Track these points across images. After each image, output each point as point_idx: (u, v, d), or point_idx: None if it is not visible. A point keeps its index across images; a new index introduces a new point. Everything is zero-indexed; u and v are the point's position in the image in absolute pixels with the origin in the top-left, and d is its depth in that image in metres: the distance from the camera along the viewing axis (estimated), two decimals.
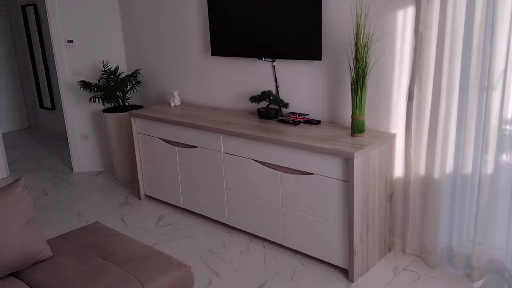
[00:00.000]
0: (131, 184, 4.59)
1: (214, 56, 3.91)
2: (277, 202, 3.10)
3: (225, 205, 3.46)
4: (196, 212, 3.73)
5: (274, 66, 3.50)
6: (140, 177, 4.12)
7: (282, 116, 3.53)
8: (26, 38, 6.57)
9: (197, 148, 3.53)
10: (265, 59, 3.52)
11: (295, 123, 3.25)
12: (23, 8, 6.39)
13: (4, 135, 6.62)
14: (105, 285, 2.07)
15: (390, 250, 3.12)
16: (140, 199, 4.20)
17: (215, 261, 3.11)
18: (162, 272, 2.20)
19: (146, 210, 3.98)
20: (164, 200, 4.01)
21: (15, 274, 2.24)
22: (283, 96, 3.50)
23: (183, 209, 3.94)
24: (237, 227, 3.44)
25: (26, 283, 2.17)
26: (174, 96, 4.12)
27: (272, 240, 3.21)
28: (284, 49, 3.30)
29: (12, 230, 2.18)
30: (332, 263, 2.92)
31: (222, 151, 3.35)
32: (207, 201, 3.60)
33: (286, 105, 3.39)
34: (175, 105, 4.13)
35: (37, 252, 2.26)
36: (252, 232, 3.34)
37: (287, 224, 3.08)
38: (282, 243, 3.16)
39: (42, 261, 2.30)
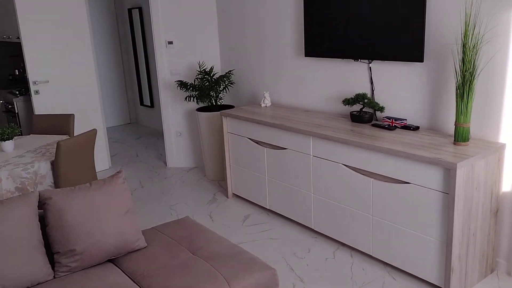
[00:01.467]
0: (220, 182, 4.70)
1: (307, 57, 3.85)
2: (367, 211, 2.96)
3: (312, 209, 3.39)
4: (282, 214, 3.71)
5: (370, 67, 3.36)
6: (228, 175, 4.20)
7: (377, 120, 3.38)
8: (131, 39, 7.03)
9: (286, 150, 3.50)
10: (361, 60, 3.39)
11: (390, 128, 3.08)
12: (129, 11, 6.85)
13: (108, 129, 7.15)
14: (193, 279, 2.11)
15: (492, 271, 2.84)
16: (227, 197, 4.27)
17: (300, 265, 3.05)
18: (247, 272, 2.20)
19: (233, 208, 4.04)
20: (251, 200, 4.04)
21: (112, 260, 2.38)
22: (378, 99, 3.35)
23: (269, 210, 3.94)
24: (324, 233, 3.35)
25: (122, 270, 2.29)
26: (265, 97, 4.13)
27: (360, 249, 3.08)
28: (382, 49, 3.15)
29: (112, 219, 2.31)
30: (426, 279, 2.71)
31: (312, 154, 3.28)
32: (294, 204, 3.55)
33: (381, 109, 3.24)
34: (266, 106, 4.14)
35: (133, 242, 2.37)
36: (339, 240, 3.23)
37: (378, 234, 2.93)
38: (371, 254, 3.02)
39: (137, 250, 2.42)
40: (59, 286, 2.09)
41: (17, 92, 5.18)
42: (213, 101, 4.63)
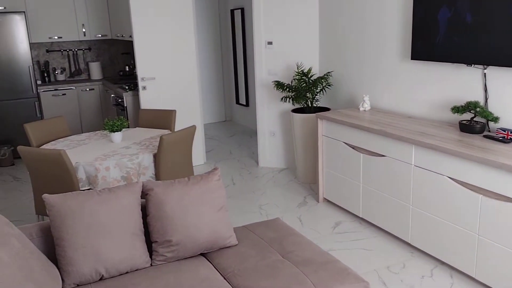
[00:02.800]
0: (311, 185, 4.63)
1: (413, 60, 3.64)
2: (473, 229, 2.71)
3: (410, 222, 3.19)
4: (376, 224, 3.54)
5: (485, 74, 3.07)
6: (320, 179, 4.12)
7: (489, 131, 3.08)
8: (231, 39, 7.23)
9: (384, 157, 3.34)
10: (475, 65, 3.12)
11: (505, 141, 2.79)
12: (232, 11, 7.04)
13: (204, 126, 7.43)
14: (281, 283, 2.08)
15: None
16: (318, 201, 4.19)
17: (393, 281, 2.89)
18: (338, 282, 2.12)
19: (323, 213, 3.96)
20: (342, 206, 3.92)
21: (204, 254, 2.43)
22: (492, 108, 3.06)
23: (362, 218, 3.79)
24: (421, 249, 3.14)
25: (213, 265, 2.33)
26: (364, 101, 3.99)
27: (462, 270, 2.83)
28: (502, 54, 2.86)
29: (207, 214, 2.37)
30: None
31: (413, 163, 3.09)
32: (390, 215, 3.38)
33: (495, 120, 2.95)
34: (364, 110, 4.00)
35: (225, 238, 2.41)
36: (437, 257, 3.01)
37: (484, 256, 2.67)
38: (474, 276, 2.76)
39: (228, 247, 2.45)
40: (156, 274, 2.18)
41: (126, 87, 5.57)
42: (309, 102, 4.57)
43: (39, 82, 6.49)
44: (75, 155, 3.30)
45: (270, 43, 4.89)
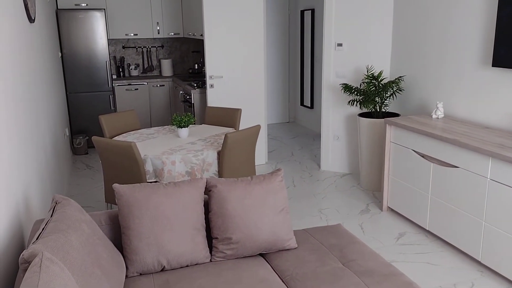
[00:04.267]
0: (374, 192, 4.48)
1: (494, 67, 3.41)
2: None
3: (481, 239, 2.99)
4: (443, 238, 3.35)
5: None
6: (385, 187, 3.97)
7: None
8: (299, 40, 7.18)
9: (457, 168, 3.15)
10: None
11: None
12: (302, 12, 7.00)
13: (268, 126, 7.45)
14: None
15: None
16: (381, 210, 4.05)
17: None
18: None
19: (386, 222, 3.81)
20: (407, 217, 3.75)
21: (263, 255, 2.42)
22: None
23: (428, 231, 3.60)
24: (492, 268, 2.93)
25: (271, 267, 2.31)
26: (437, 108, 3.79)
27: None
28: None
29: (268, 214, 2.35)
30: None
31: (489, 177, 2.89)
32: (459, 230, 3.18)
33: None
34: (437, 118, 3.80)
35: (284, 240, 2.38)
36: (510, 278, 2.79)
37: None
38: None
39: (287, 249, 2.42)
40: (215, 270, 2.19)
41: (194, 85, 5.71)
42: (378, 107, 4.43)
43: (114, 76, 6.82)
44: (144, 148, 3.42)
45: (340, 44, 4.80)
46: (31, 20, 3.30)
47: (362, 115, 4.55)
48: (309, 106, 7.11)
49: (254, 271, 2.20)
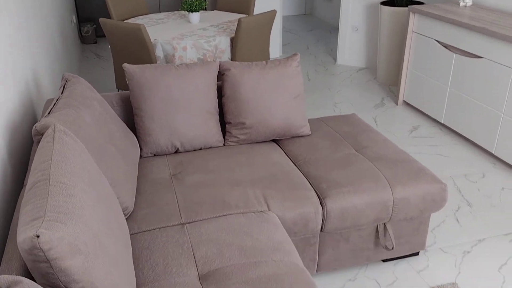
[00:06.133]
0: (390, 87, 4.37)
1: None
2: None
3: (498, 132, 2.94)
4: (458, 131, 3.31)
5: None
6: (402, 80, 3.85)
7: None
8: None
9: (481, 59, 3.00)
10: None
11: None
12: None
13: (283, 18, 7.11)
14: (354, 175, 2.03)
15: None
16: (396, 104, 3.97)
17: (470, 189, 2.75)
18: (414, 180, 2.03)
19: (401, 116, 3.76)
20: (423, 111, 3.68)
21: (276, 141, 2.41)
22: None
23: (443, 124, 3.56)
24: (505, 160, 2.92)
25: (284, 152, 2.31)
26: None
27: None
28: None
29: (282, 100, 2.29)
30: None
31: None
32: (476, 123, 3.12)
33: None
34: (465, 5, 3.54)
35: (298, 127, 2.35)
36: None
37: None
38: None
39: (301, 136, 2.40)
40: (228, 153, 2.20)
41: None
42: None
43: None
44: (154, 32, 3.29)
45: None
46: None
47: (384, 3, 4.27)
48: None
49: (267, 155, 2.20)
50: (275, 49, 5.31)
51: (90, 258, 1.06)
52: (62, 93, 1.82)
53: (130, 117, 2.26)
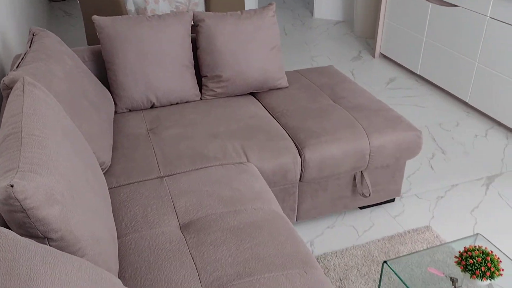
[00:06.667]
0: (367, 40, 4.36)
1: None
2: None
3: (472, 81, 2.98)
4: (433, 82, 3.35)
5: None
6: (379, 32, 3.83)
7: None
8: None
9: (456, 7, 3.00)
10: None
11: None
12: None
13: None
14: (331, 125, 2.05)
15: None
16: (373, 57, 3.97)
17: (444, 137, 2.81)
18: (390, 128, 2.06)
19: (378, 68, 3.77)
20: (399, 62, 3.70)
21: (254, 94, 2.40)
22: None
23: (419, 76, 3.59)
24: (478, 108, 2.98)
25: (262, 104, 2.30)
26: None
27: None
28: None
29: (259, 51, 2.26)
30: None
31: (489, 15, 2.76)
32: (451, 72, 3.16)
33: None
34: None
35: (275, 79, 2.33)
36: (495, 118, 2.86)
37: None
38: None
39: (278, 88, 2.39)
40: (205, 107, 2.18)
41: None
42: None
43: None
44: None
45: None
46: None
47: None
48: None
49: (244, 108, 2.19)
50: (250, 3, 5.19)
51: (68, 208, 1.05)
52: (30, 47, 1.75)
53: (103, 72, 2.21)
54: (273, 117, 2.19)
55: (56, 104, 1.39)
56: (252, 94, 2.40)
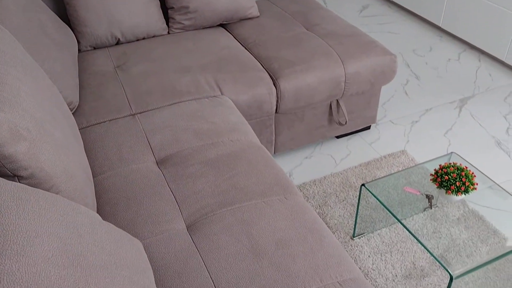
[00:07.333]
0: None
1: None
2: (510, 6, 2.48)
3: (444, 4, 2.93)
4: (406, 7, 3.29)
5: None
6: None
7: None
8: None
9: None
10: None
11: None
12: None
13: None
14: (305, 53, 2.00)
15: None
16: None
17: (417, 63, 2.80)
18: (364, 53, 2.02)
19: None
20: None
21: (224, 26, 2.30)
22: None
23: (392, 2, 3.51)
24: (451, 32, 2.96)
25: (233, 36, 2.22)
26: None
27: (492, 54, 2.71)
28: None
29: None
30: None
31: None
32: None
33: None
34: None
35: (246, 8, 2.24)
36: (467, 41, 2.85)
37: None
38: (503, 60, 2.65)
39: (249, 18, 2.30)
40: (174, 40, 2.09)
41: None
42: None
43: None
44: None
45: None
46: None
47: None
48: None
49: (215, 40, 2.11)
50: None
51: (36, 144, 1.00)
52: None
53: (61, 8, 2.06)
54: (245, 48, 2.12)
55: (12, 39, 1.30)
56: (222, 25, 2.30)
